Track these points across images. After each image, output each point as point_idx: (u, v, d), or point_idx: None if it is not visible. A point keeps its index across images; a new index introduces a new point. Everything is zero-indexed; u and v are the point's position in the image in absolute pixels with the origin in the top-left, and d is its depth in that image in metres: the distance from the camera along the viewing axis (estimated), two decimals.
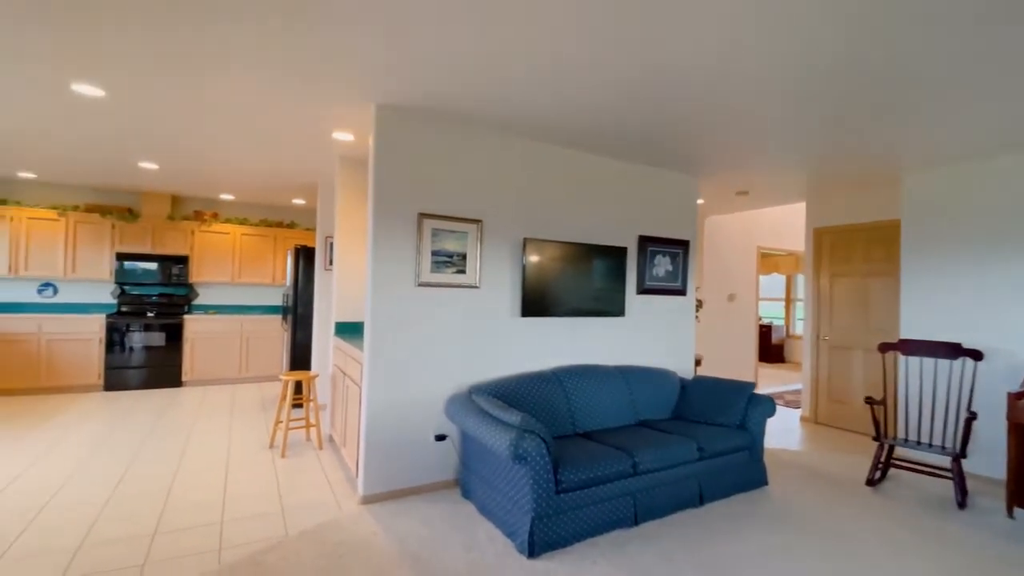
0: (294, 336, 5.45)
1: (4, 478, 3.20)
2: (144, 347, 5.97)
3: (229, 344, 6.43)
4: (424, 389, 3.20)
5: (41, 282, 5.98)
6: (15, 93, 3.05)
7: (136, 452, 3.79)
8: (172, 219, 6.36)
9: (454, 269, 3.30)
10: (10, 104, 3.25)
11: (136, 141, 4.04)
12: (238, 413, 5.02)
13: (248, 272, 6.78)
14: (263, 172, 5.02)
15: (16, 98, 3.14)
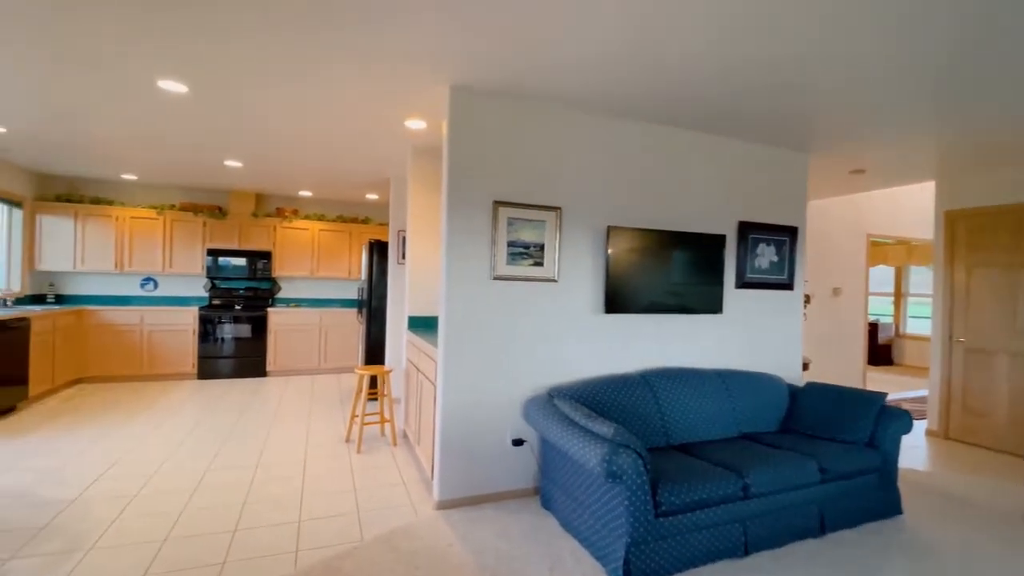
0: (369, 329, 5.47)
1: (105, 463, 3.38)
2: (232, 338, 6.28)
3: (309, 336, 6.63)
4: (500, 390, 2.98)
5: (143, 277, 6.46)
6: (107, 94, 3.17)
7: (223, 440, 3.90)
8: (256, 216, 6.63)
9: (531, 261, 3.04)
10: (103, 105, 3.39)
11: (221, 140, 4.14)
12: (317, 404, 5.11)
13: (326, 266, 6.95)
14: (338, 167, 5.04)
15: (109, 99, 3.26)
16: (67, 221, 5.84)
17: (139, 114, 3.55)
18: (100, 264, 5.98)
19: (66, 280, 6.18)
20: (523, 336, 3.02)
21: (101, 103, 3.34)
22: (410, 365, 3.98)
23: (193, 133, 3.99)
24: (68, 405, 4.80)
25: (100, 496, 2.88)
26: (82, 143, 4.41)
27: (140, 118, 3.63)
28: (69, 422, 4.25)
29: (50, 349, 5.03)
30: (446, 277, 2.85)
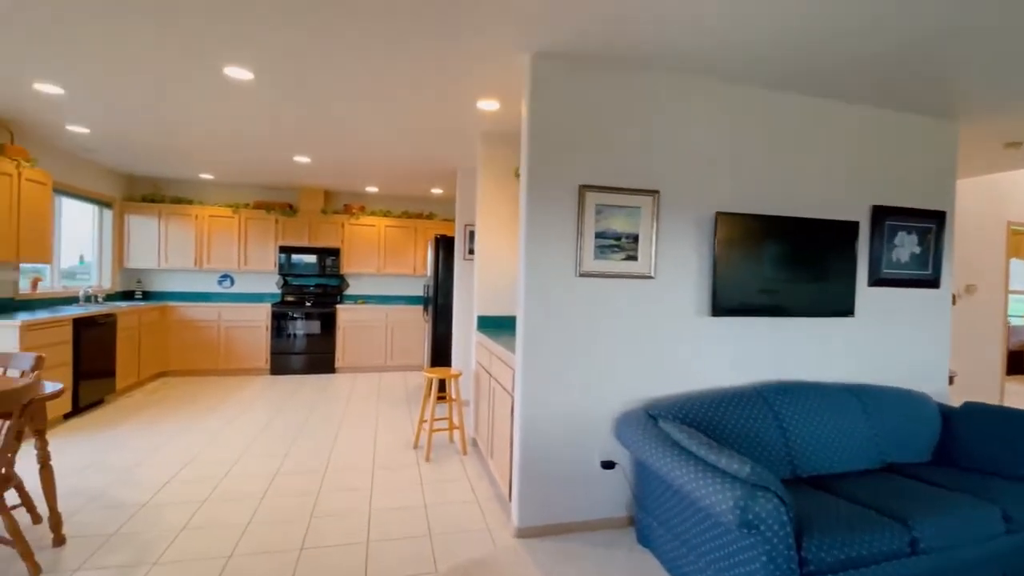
0: (435, 328, 5.25)
1: (178, 462, 3.34)
2: (303, 334, 6.32)
3: (375, 333, 6.56)
4: (587, 403, 2.59)
5: (221, 274, 6.65)
6: (177, 82, 3.09)
7: (292, 440, 3.80)
8: (325, 213, 6.64)
9: (623, 255, 2.62)
10: (171, 94, 3.34)
11: (289, 134, 4.04)
12: (384, 403, 4.97)
13: (392, 263, 6.86)
14: (404, 159, 4.84)
15: (179, 89, 3.19)
16: (151, 220, 6.09)
17: (210, 109, 3.47)
18: (181, 261, 6.19)
19: (152, 277, 6.47)
20: (613, 342, 2.62)
21: (173, 96, 3.28)
22: (480, 368, 3.69)
23: (261, 126, 3.90)
24: (151, 399, 4.95)
25: (170, 500, 2.79)
26: (161, 143, 4.48)
27: (212, 114, 3.57)
28: (149, 417, 4.34)
29: (135, 344, 5.22)
30: (525, 274, 2.50)
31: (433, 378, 3.66)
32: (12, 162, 3.80)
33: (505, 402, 2.85)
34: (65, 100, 3.35)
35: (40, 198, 4.14)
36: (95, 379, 4.50)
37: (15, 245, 3.88)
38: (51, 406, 3.92)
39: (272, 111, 3.51)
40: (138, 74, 2.92)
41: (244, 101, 3.32)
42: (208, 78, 2.95)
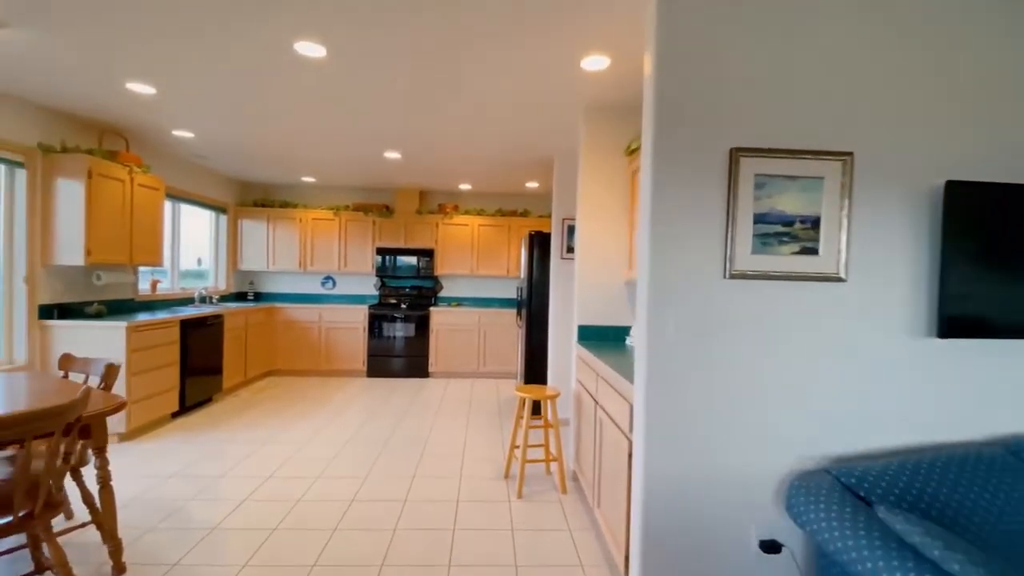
0: (529, 335, 4.70)
1: (263, 473, 3.14)
2: (398, 337, 6.15)
3: (468, 337, 6.20)
4: (740, 457, 1.83)
5: (324, 275, 6.74)
6: (255, 72, 2.86)
7: (378, 453, 3.48)
8: (420, 213, 6.44)
9: (795, 247, 1.82)
10: (253, 85, 3.14)
11: (375, 123, 3.73)
12: (474, 415, 4.53)
13: (485, 264, 6.47)
14: (498, 145, 4.35)
15: (258, 79, 2.97)
16: (261, 224, 6.31)
17: (291, 95, 3.25)
18: (287, 264, 6.34)
19: (262, 279, 6.74)
20: (780, 372, 1.83)
21: (255, 86, 3.08)
22: (581, 389, 3.04)
23: (346, 116, 3.63)
24: (253, 399, 5.01)
25: (240, 526, 2.54)
26: (254, 143, 4.46)
27: (295, 103, 3.36)
28: (247, 419, 4.32)
29: (242, 344, 5.36)
30: (648, 278, 1.81)
31: (527, 398, 3.09)
32: (124, 168, 3.94)
33: (619, 445, 2.18)
34: (157, 100, 3.33)
35: (152, 203, 4.30)
36: (202, 378, 4.61)
37: (128, 249, 4.03)
38: (159, 404, 4.01)
39: (356, 98, 3.20)
40: (221, 65, 2.73)
41: (325, 86, 3.03)
42: (282, 57, 2.66)
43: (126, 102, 3.37)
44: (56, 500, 1.84)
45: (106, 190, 3.76)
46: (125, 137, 4.23)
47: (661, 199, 1.80)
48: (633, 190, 3.13)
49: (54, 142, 3.62)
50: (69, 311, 3.77)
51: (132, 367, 3.69)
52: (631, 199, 3.17)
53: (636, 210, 3.08)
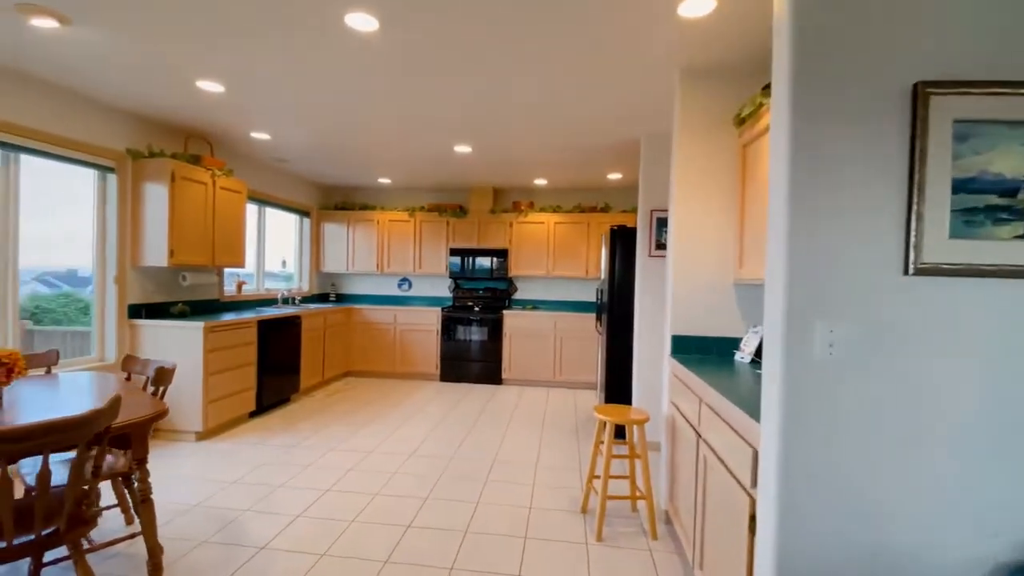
0: (610, 344, 4.19)
1: (323, 485, 2.96)
2: (471, 341, 5.90)
3: (543, 343, 5.79)
4: (921, 535, 1.24)
5: (400, 277, 6.70)
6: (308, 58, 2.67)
7: (442, 469, 3.18)
8: (494, 212, 6.16)
9: (1021, 227, 1.20)
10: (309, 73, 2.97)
11: (445, 113, 3.46)
12: (548, 431, 4.10)
13: (562, 264, 6.03)
14: (576, 129, 3.90)
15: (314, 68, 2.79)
16: (342, 227, 6.38)
17: (352, 83, 3.06)
18: (365, 265, 6.36)
19: (343, 281, 6.84)
20: (991, 409, 1.21)
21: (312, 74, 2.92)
22: (676, 412, 2.50)
23: (415, 102, 3.38)
24: (328, 401, 4.99)
25: (287, 547, 2.33)
26: (324, 141, 4.40)
27: (357, 92, 3.17)
28: (318, 422, 4.25)
29: (320, 345, 5.38)
30: (786, 274, 1.27)
31: (608, 422, 2.61)
32: (207, 171, 4.02)
33: (734, 499, 1.64)
34: (227, 98, 3.30)
35: (234, 205, 4.38)
36: (279, 379, 4.64)
37: (211, 250, 4.11)
38: (236, 404, 4.04)
39: (422, 82, 2.93)
40: (283, 55, 2.58)
41: (390, 71, 2.79)
42: (331, 35, 2.44)
43: (199, 102, 3.39)
44: (86, 516, 1.69)
45: (188, 193, 3.85)
46: (210, 142, 4.36)
47: (804, 165, 1.26)
48: (745, 168, 2.54)
49: (142, 147, 3.76)
50: (156, 311, 3.91)
51: (209, 367, 3.73)
52: (741, 180, 2.57)
53: (748, 193, 2.48)
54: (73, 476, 1.58)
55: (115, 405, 1.66)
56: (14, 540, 1.51)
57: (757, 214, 2.31)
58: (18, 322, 3.06)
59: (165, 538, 2.37)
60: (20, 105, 2.95)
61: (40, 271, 3.40)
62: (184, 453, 3.47)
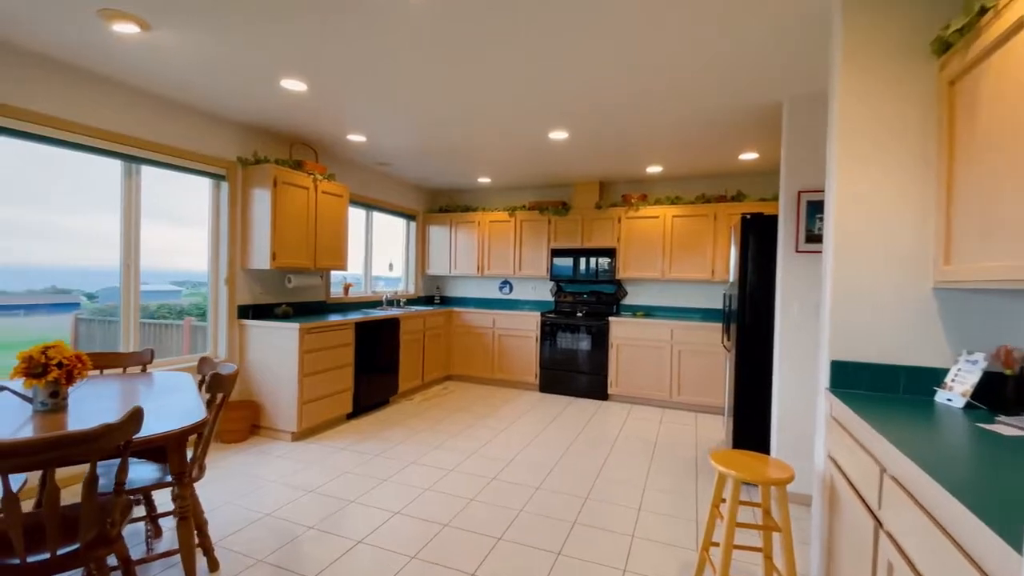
0: (740, 363, 3.36)
1: (387, 511, 2.70)
2: (573, 350, 5.38)
3: (657, 356, 5.03)
4: None
5: (500, 280, 6.43)
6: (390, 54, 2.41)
7: (518, 510, 2.72)
8: (600, 207, 5.56)
9: None
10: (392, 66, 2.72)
11: (534, 88, 3.03)
12: (658, 464, 3.42)
13: (680, 265, 5.21)
14: (698, 98, 3.19)
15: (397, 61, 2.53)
16: (445, 229, 6.31)
17: (437, 71, 2.77)
18: (466, 268, 6.20)
19: (447, 283, 6.79)
20: None
21: (396, 68, 2.68)
22: (836, 473, 1.73)
23: (494, 85, 3.01)
24: (423, 406, 4.85)
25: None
26: (422, 139, 4.23)
27: (442, 81, 2.88)
28: (410, 429, 4.08)
29: (419, 347, 5.30)
30: None
31: (734, 478, 1.92)
32: (309, 176, 4.10)
33: None
34: (311, 97, 3.24)
35: (336, 209, 4.44)
36: (377, 381, 4.61)
37: (313, 253, 4.19)
38: (332, 405, 4.04)
39: (504, 49, 2.53)
40: (359, 44, 2.38)
41: (467, 46, 2.44)
42: (405, 13, 2.14)
43: (286, 103, 3.38)
44: (110, 535, 1.56)
45: (290, 197, 3.94)
46: (314, 148, 4.48)
47: None
48: (953, 115, 1.69)
49: (250, 155, 3.94)
50: (262, 311, 4.07)
51: (304, 368, 3.76)
52: (947, 133, 1.71)
53: (961, 152, 1.63)
54: (85, 493, 1.44)
55: (132, 419, 1.49)
56: (27, 558, 1.40)
57: (982, 182, 1.47)
58: (138, 320, 3.31)
59: (227, 549, 2.27)
60: (141, 119, 3.19)
61: (164, 273, 3.70)
62: (276, 453, 3.50)
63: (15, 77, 2.60)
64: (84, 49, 2.59)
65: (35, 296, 3.30)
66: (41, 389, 1.80)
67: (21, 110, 2.63)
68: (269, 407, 3.82)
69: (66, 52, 2.63)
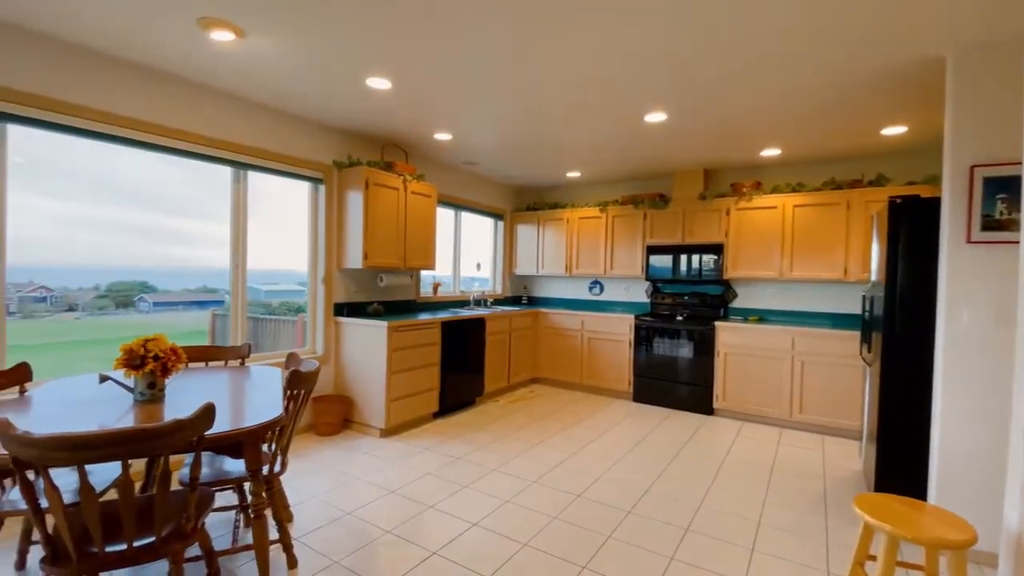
0: (886, 381, 2.74)
1: (459, 525, 2.55)
2: (672, 357, 4.89)
3: (774, 368, 4.39)
4: None
5: (590, 280, 6.10)
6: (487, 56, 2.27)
7: (614, 528, 2.43)
8: (704, 199, 5.01)
9: None
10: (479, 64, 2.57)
11: (628, 58, 2.73)
12: (778, 493, 2.90)
13: (803, 262, 4.50)
14: (827, 62, 2.66)
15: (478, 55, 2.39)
16: (532, 228, 6.14)
17: (517, 54, 2.59)
18: (554, 267, 5.98)
19: (534, 283, 6.61)
20: None
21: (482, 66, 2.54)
22: None
23: (588, 62, 2.75)
24: (511, 408, 4.70)
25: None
26: (507, 132, 4.08)
27: (522, 68, 2.69)
28: (492, 434, 3.95)
29: (505, 348, 5.18)
30: None
31: (890, 535, 1.47)
32: (399, 177, 4.14)
33: None
34: (393, 95, 3.21)
35: (425, 209, 4.46)
36: (463, 381, 4.56)
37: (402, 253, 4.23)
38: (419, 404, 4.04)
39: (594, 19, 2.28)
40: (438, 35, 2.29)
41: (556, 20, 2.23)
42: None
43: (373, 103, 3.40)
44: (186, 530, 1.57)
45: (381, 198, 4.01)
46: (404, 149, 4.54)
47: None
48: None
49: (345, 158, 4.07)
50: (355, 309, 4.19)
51: (392, 365, 3.79)
52: None
53: None
54: (158, 488, 1.45)
55: (203, 416, 1.48)
56: (106, 548, 1.44)
57: None
58: (246, 316, 3.54)
59: (307, 546, 2.27)
60: (243, 127, 3.41)
61: (270, 272, 3.95)
62: (364, 448, 3.55)
63: (132, 90, 2.86)
64: (186, 60, 2.79)
65: (190, 294, 3.70)
66: (140, 380, 1.90)
67: (154, 125, 2.91)
68: (360, 402, 3.92)
69: (171, 64, 2.85)
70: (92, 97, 2.68)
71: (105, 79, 2.72)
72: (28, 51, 2.46)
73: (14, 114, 2.44)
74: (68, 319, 3.50)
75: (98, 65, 2.69)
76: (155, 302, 4.01)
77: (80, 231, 2.93)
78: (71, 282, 3.43)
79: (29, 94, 2.46)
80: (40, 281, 3.30)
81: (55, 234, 2.82)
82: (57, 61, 2.55)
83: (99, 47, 2.62)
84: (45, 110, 2.52)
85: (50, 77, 2.54)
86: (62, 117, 2.59)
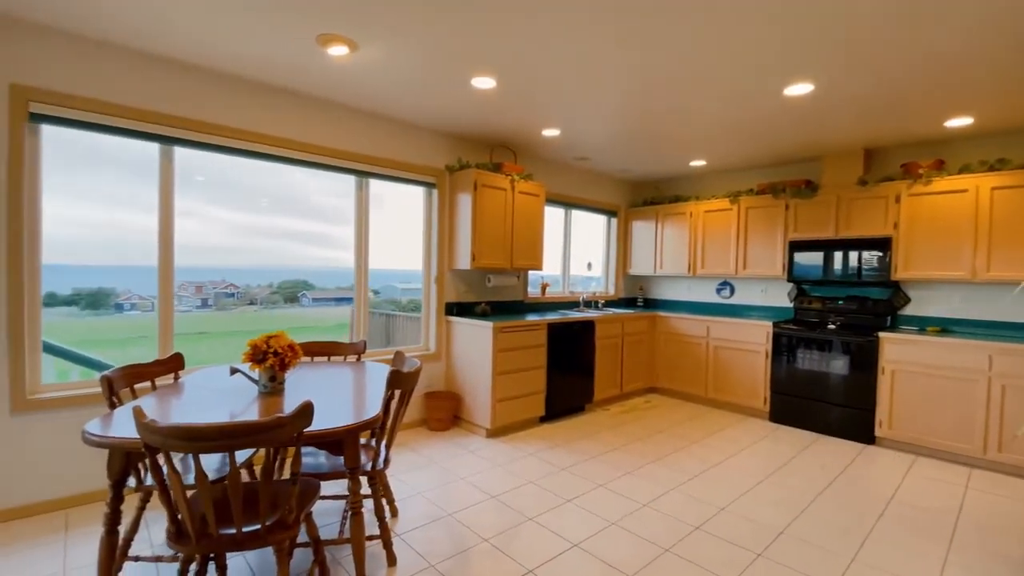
0: None
1: (581, 529, 2.38)
2: (821, 372, 4.17)
3: (961, 390, 3.49)
4: None
5: (719, 281, 5.49)
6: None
7: (757, 552, 2.09)
8: (865, 184, 4.18)
9: None
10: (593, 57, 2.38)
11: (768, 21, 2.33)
12: (963, 554, 2.25)
13: (1005, 260, 3.52)
14: None
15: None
16: (650, 224, 5.72)
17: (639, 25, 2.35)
18: (674, 267, 5.49)
19: (651, 284, 6.16)
20: None
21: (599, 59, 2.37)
22: None
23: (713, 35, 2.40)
24: (624, 418, 4.41)
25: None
26: (618, 120, 3.80)
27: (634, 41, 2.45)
28: (599, 445, 3.72)
29: (616, 354, 4.88)
30: None
31: None
32: (507, 177, 4.11)
33: None
34: (498, 94, 3.15)
35: (532, 209, 4.37)
36: (570, 386, 4.38)
37: (509, 253, 4.20)
38: (524, 407, 3.97)
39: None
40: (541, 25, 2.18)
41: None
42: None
43: (479, 104, 3.38)
44: (287, 521, 1.64)
45: (489, 199, 4.01)
46: (512, 149, 4.50)
47: None
48: None
49: (455, 162, 4.15)
50: (465, 309, 4.26)
51: (498, 366, 3.77)
52: None
53: None
54: (261, 479, 1.53)
55: (302, 414, 1.53)
56: (218, 531, 1.55)
57: None
58: (367, 313, 3.78)
59: (407, 544, 2.30)
60: (362, 138, 3.62)
61: (392, 273, 4.20)
62: (471, 447, 3.57)
63: (259, 104, 3.17)
64: (301, 74, 3.02)
65: (341, 291, 4.12)
66: (263, 373, 2.06)
67: (298, 142, 3.23)
68: (468, 401, 3.96)
69: (295, 80, 3.11)
70: (245, 120, 3.06)
71: (248, 103, 3.08)
72: (184, 82, 2.87)
73: (181, 138, 2.86)
74: (250, 311, 4.23)
75: (243, 89, 3.06)
76: (314, 298, 4.70)
77: (256, 238, 3.46)
78: (252, 280, 4.14)
79: (200, 121, 2.88)
80: (231, 280, 4.04)
81: (239, 241, 3.38)
82: (208, 88, 2.94)
83: (249, 75, 2.97)
84: (210, 135, 2.93)
85: (204, 102, 2.93)
86: (222, 139, 2.98)
